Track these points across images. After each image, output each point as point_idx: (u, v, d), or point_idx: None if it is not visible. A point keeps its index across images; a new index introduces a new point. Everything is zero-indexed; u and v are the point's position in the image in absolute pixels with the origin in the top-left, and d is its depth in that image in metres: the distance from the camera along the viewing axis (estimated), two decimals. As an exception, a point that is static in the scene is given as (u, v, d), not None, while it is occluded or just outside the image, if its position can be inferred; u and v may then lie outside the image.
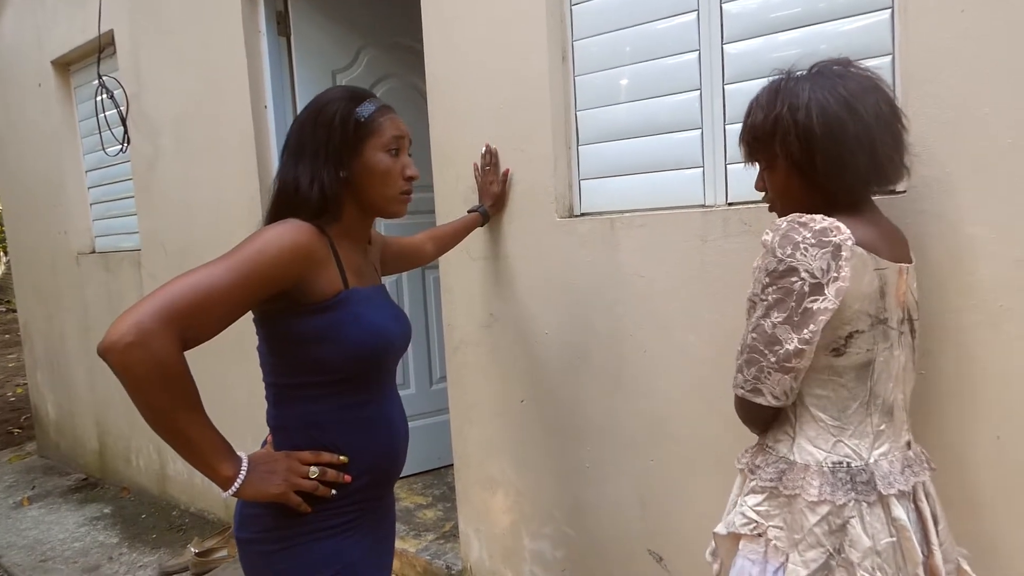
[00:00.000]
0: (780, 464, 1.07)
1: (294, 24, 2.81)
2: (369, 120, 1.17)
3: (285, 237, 1.06)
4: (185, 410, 0.99)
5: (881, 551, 1.00)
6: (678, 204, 1.75)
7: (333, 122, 1.15)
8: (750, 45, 1.60)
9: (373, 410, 1.20)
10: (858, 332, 1.01)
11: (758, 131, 1.10)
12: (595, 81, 1.88)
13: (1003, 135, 1.24)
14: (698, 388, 1.71)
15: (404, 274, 3.18)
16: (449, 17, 2.07)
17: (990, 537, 1.31)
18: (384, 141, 1.18)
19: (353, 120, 1.16)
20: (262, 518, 1.13)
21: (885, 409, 1.06)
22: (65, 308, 4.10)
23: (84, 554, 3.07)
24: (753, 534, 1.09)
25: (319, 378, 1.14)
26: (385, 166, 1.18)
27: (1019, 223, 1.24)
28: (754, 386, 1.06)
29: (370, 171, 1.18)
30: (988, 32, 1.25)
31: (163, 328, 0.93)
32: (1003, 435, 1.29)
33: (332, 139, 1.15)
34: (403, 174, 1.21)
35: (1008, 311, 1.26)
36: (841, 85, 1.02)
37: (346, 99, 1.18)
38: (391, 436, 1.23)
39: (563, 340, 1.96)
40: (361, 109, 1.18)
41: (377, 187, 1.19)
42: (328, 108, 1.17)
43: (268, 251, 1.03)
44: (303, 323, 1.10)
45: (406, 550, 2.54)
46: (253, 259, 1.02)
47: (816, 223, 0.98)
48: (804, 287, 0.97)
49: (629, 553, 1.89)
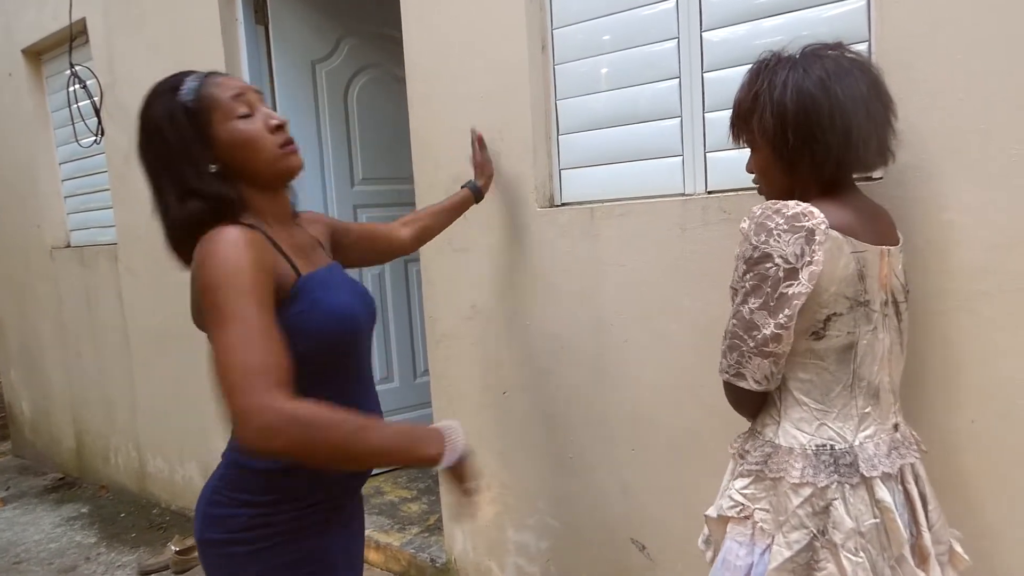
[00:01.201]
0: (766, 448, 1.08)
1: (272, 12, 2.76)
2: (198, 99, 1.03)
3: (227, 243, 0.95)
4: (358, 434, 0.93)
5: (864, 532, 1.01)
6: (658, 193, 1.75)
7: (163, 126, 1.02)
8: (729, 33, 1.60)
9: (345, 404, 1.08)
10: (836, 315, 1.02)
11: (740, 108, 1.11)
12: (575, 69, 1.87)
13: (978, 121, 1.25)
14: (679, 376, 1.71)
15: (387, 266, 3.16)
16: (428, 5, 2.05)
17: (962, 521, 1.32)
18: (227, 110, 1.04)
19: (181, 109, 1.02)
20: (233, 519, 1.07)
21: (871, 392, 1.07)
22: (40, 304, 4.03)
23: (60, 555, 3.02)
24: (740, 517, 1.09)
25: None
26: (246, 134, 1.05)
27: (994, 208, 1.25)
28: (737, 371, 1.07)
29: (235, 147, 1.05)
30: (963, 18, 1.25)
31: (268, 398, 0.87)
32: (977, 419, 1.31)
33: (175, 143, 1.02)
34: (268, 128, 1.07)
35: (984, 295, 1.27)
36: (821, 65, 1.02)
37: (163, 94, 1.04)
38: None
39: (545, 331, 1.95)
40: (183, 94, 1.03)
41: (252, 158, 1.06)
42: (151, 116, 1.04)
43: (237, 264, 0.94)
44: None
45: (390, 544, 2.53)
46: (239, 282, 0.93)
47: (789, 209, 0.98)
48: (779, 272, 0.98)
49: (613, 543, 1.89)
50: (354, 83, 3.05)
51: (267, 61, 2.81)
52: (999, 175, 1.24)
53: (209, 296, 0.93)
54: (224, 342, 0.90)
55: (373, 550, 2.59)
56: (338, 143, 3.00)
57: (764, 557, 1.05)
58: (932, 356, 1.34)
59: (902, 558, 1.04)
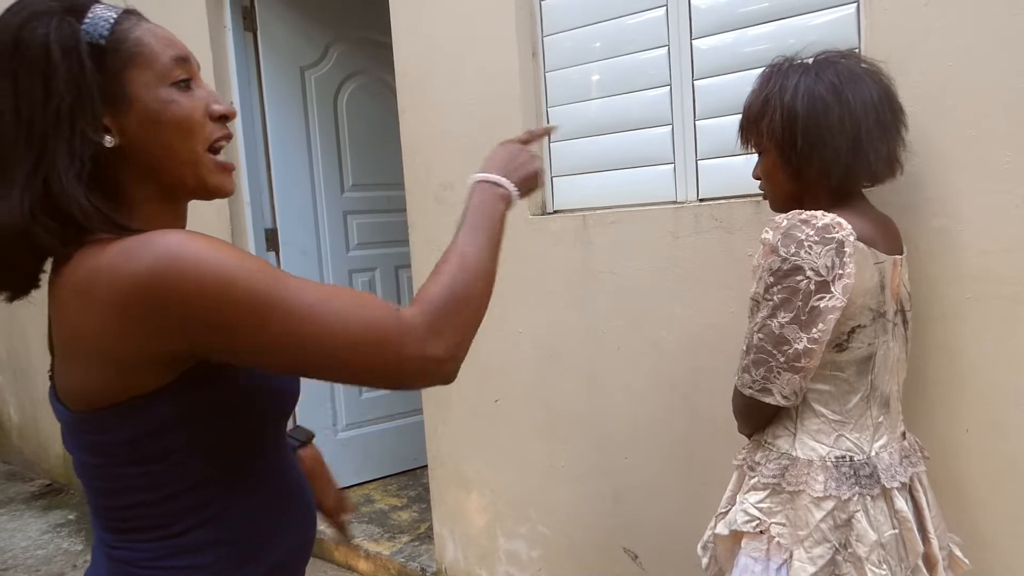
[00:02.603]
0: (782, 460, 1.06)
1: (260, 19, 2.75)
2: (116, 39, 0.68)
3: (186, 244, 0.63)
4: (471, 262, 0.76)
5: (885, 543, 1.01)
6: (649, 200, 1.74)
7: (49, 61, 0.64)
8: (719, 40, 1.60)
9: (283, 479, 0.84)
10: (860, 327, 1.01)
11: (749, 112, 1.10)
12: (565, 77, 1.86)
13: (968, 127, 1.25)
14: (671, 384, 1.70)
15: (377, 271, 3.15)
16: (418, 12, 2.04)
17: (958, 529, 1.32)
18: (160, 69, 0.70)
19: (84, 45, 0.66)
20: None
21: (883, 401, 1.07)
22: (27, 306, 3.98)
23: (47, 562, 2.99)
24: (755, 531, 1.07)
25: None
26: (182, 111, 0.71)
27: (984, 214, 1.25)
28: (763, 386, 1.05)
29: (158, 123, 0.69)
30: (952, 25, 1.25)
31: (407, 330, 0.66)
32: (972, 428, 1.31)
33: (55, 91, 0.64)
34: (209, 113, 0.73)
35: (975, 302, 1.27)
36: (833, 71, 1.02)
37: (49, 15, 0.65)
38: (303, 507, 0.87)
39: (537, 338, 1.94)
40: (91, 23, 0.67)
41: (176, 148, 0.71)
42: (26, 37, 0.64)
43: (227, 254, 0.65)
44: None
45: (380, 553, 2.51)
46: (250, 265, 0.65)
47: (818, 220, 0.98)
48: (810, 285, 0.97)
49: (605, 551, 1.88)
50: (343, 89, 3.03)
51: (256, 67, 2.79)
52: (990, 182, 1.24)
53: (220, 308, 0.62)
54: (298, 318, 0.63)
55: (363, 559, 2.57)
56: (327, 149, 2.99)
57: (781, 572, 1.04)
58: (926, 364, 1.33)
59: (917, 567, 1.04)
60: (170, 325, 0.63)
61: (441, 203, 2.07)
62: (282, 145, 2.85)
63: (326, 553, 2.69)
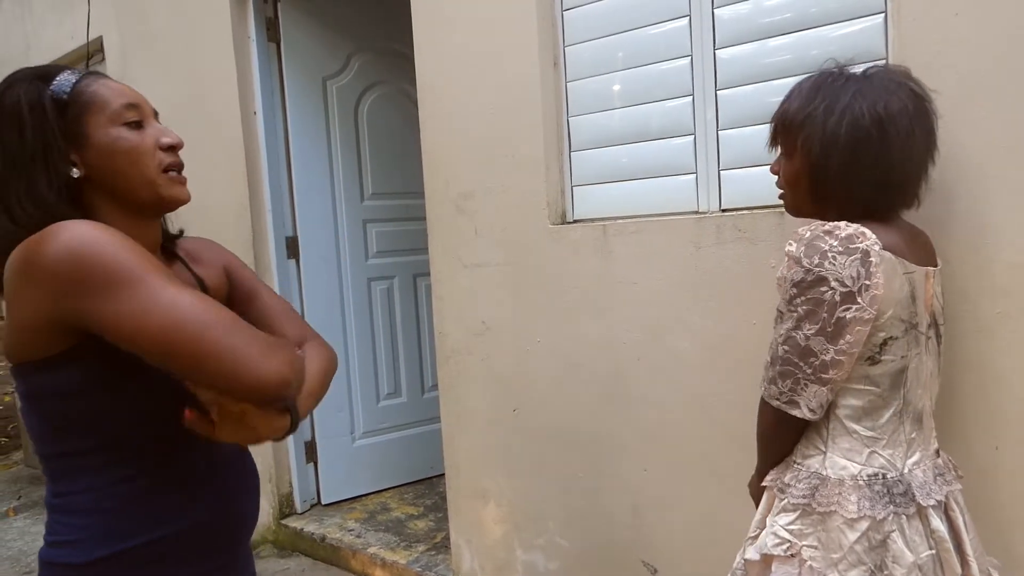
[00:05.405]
0: (812, 480, 1.04)
1: (284, 30, 2.79)
2: (76, 94, 0.87)
3: (80, 233, 0.80)
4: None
5: (922, 565, 0.98)
6: (671, 210, 1.73)
7: (20, 115, 0.85)
8: (742, 50, 1.59)
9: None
10: (892, 339, 1.00)
11: (787, 120, 1.08)
12: (587, 87, 1.86)
13: (999, 139, 1.23)
14: (692, 396, 1.68)
15: (396, 279, 3.17)
16: (440, 22, 2.06)
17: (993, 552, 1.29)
18: (111, 113, 0.88)
19: (49, 101, 0.86)
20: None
21: (915, 417, 1.04)
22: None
23: (69, 567, 3.01)
24: (786, 555, 1.04)
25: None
26: (129, 142, 0.89)
27: (1013, 227, 1.23)
28: (790, 398, 1.03)
29: (111, 154, 0.88)
30: (982, 36, 1.24)
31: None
32: (1001, 446, 1.28)
33: (28, 137, 0.85)
34: (158, 144, 0.91)
35: (1004, 317, 1.25)
36: (883, 103, 1.00)
37: (26, 81, 0.87)
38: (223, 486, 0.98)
39: (556, 348, 1.93)
40: (57, 85, 0.87)
41: (128, 172, 0.89)
42: (5, 100, 0.86)
43: (104, 250, 0.79)
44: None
45: (396, 561, 2.51)
46: (126, 256, 0.80)
47: (841, 230, 0.97)
48: (835, 296, 0.96)
49: (623, 564, 1.86)
50: (364, 99, 3.06)
51: (279, 78, 2.83)
52: (1022, 195, 1.22)
53: (86, 271, 0.78)
54: (152, 302, 0.77)
55: (379, 568, 2.56)
56: (348, 158, 3.02)
57: None
58: (955, 380, 1.31)
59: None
60: (54, 287, 0.79)
61: (461, 212, 2.07)
62: (303, 154, 2.88)
63: (342, 561, 2.69)
